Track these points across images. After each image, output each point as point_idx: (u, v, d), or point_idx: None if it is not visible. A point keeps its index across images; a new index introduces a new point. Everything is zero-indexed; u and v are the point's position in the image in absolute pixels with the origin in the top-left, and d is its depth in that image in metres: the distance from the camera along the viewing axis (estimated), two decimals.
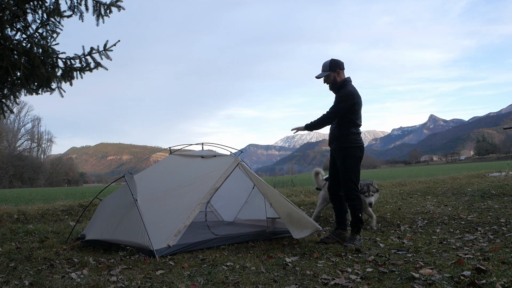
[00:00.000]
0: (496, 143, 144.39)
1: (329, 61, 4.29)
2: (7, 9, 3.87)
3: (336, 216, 4.49)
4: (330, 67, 4.27)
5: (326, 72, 4.29)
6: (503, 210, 6.04)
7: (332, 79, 4.28)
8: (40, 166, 61.27)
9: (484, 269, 2.83)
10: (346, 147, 4.22)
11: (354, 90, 4.26)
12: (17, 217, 6.94)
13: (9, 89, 4.41)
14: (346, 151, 4.22)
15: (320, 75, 4.34)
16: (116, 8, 4.53)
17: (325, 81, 4.34)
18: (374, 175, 23.42)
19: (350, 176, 4.21)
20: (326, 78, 4.30)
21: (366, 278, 2.90)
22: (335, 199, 4.47)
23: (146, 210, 4.11)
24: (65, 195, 12.73)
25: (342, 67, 4.31)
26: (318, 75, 4.37)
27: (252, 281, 2.90)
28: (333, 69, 4.26)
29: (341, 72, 4.30)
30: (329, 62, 4.28)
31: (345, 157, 4.22)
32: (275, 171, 27.38)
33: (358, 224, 4.24)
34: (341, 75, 4.30)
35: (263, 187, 4.79)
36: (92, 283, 2.88)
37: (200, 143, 5.13)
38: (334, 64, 4.27)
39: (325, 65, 4.31)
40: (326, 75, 4.28)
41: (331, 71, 4.27)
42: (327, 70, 4.29)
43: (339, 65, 4.28)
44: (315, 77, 4.38)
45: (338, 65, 4.28)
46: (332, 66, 4.27)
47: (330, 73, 4.27)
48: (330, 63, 4.27)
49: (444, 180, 14.12)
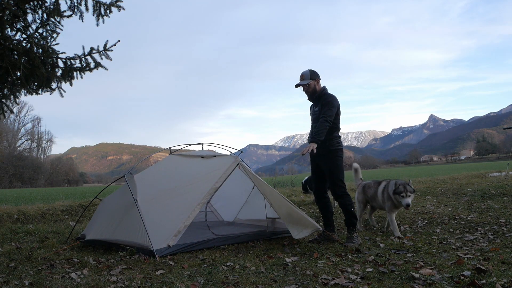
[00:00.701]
0: (496, 143, 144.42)
1: (309, 71, 4.48)
2: (7, 9, 3.87)
3: (324, 218, 4.59)
4: (311, 76, 4.46)
5: (307, 81, 4.45)
6: (503, 210, 6.04)
7: (313, 88, 4.47)
8: (40, 166, 61.28)
9: (484, 269, 2.83)
10: (332, 150, 4.40)
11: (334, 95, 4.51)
12: (17, 217, 6.94)
13: (9, 89, 4.41)
14: (333, 153, 4.41)
15: (301, 83, 4.48)
16: (116, 8, 4.52)
17: (305, 89, 4.50)
18: (374, 175, 23.43)
19: (338, 175, 4.39)
20: (307, 86, 4.47)
21: (366, 278, 2.90)
22: (321, 201, 4.59)
23: (146, 210, 4.11)
24: (65, 195, 12.74)
25: (320, 77, 4.55)
26: (299, 83, 4.50)
27: (252, 281, 2.90)
28: (314, 78, 4.45)
29: (319, 81, 4.52)
30: (309, 72, 4.48)
31: (332, 158, 4.40)
32: (275, 171, 27.39)
33: (352, 220, 4.35)
34: (319, 84, 4.52)
35: (263, 187, 4.79)
36: (92, 283, 2.88)
37: (200, 143, 5.13)
38: (314, 74, 4.48)
39: (305, 74, 4.49)
40: (307, 84, 4.45)
41: (312, 79, 4.44)
42: (308, 78, 4.46)
43: (318, 75, 4.50)
44: (295, 86, 4.52)
45: (318, 75, 4.50)
46: (313, 75, 4.46)
47: (311, 81, 4.44)
48: (311, 73, 4.47)
49: (444, 180, 14.12)
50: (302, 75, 4.51)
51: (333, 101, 4.38)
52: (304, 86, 4.48)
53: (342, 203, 4.38)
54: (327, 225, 4.54)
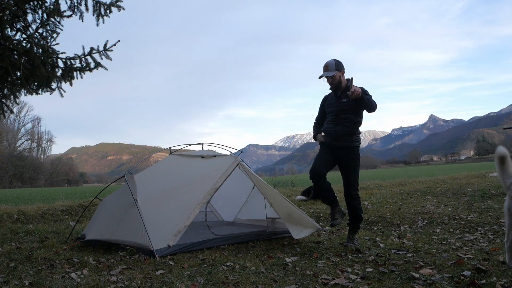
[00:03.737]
0: (496, 143, 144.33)
1: (334, 61, 4.20)
2: (7, 9, 3.88)
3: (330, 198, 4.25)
4: (336, 66, 4.18)
5: (332, 72, 4.16)
6: (503, 210, 6.04)
7: (338, 79, 4.18)
8: (40, 166, 61.28)
9: (484, 269, 2.83)
10: (355, 147, 4.21)
11: None
12: (17, 217, 6.94)
13: (9, 89, 4.41)
14: (356, 150, 4.23)
15: (325, 75, 4.19)
16: (116, 8, 4.53)
17: (329, 81, 4.21)
18: (374, 175, 23.42)
19: (356, 176, 4.23)
20: (332, 78, 4.18)
21: (366, 278, 2.90)
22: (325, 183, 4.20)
23: (146, 210, 4.11)
24: (65, 195, 12.73)
25: (345, 68, 4.27)
26: (324, 74, 4.20)
27: (252, 281, 2.90)
28: (339, 69, 4.18)
29: (344, 72, 4.25)
30: (334, 62, 4.19)
31: (355, 156, 4.21)
32: (275, 171, 27.34)
33: (358, 224, 4.25)
34: (344, 75, 4.25)
35: (263, 187, 4.79)
36: (92, 283, 2.88)
37: (200, 143, 5.13)
38: (339, 64, 4.20)
39: (330, 64, 4.19)
40: (333, 75, 4.16)
41: (337, 70, 4.17)
42: (333, 69, 4.17)
43: (343, 66, 4.23)
44: (319, 77, 4.23)
45: (343, 66, 4.23)
46: (338, 66, 4.19)
47: (337, 73, 4.16)
48: (336, 63, 4.19)
49: (444, 180, 14.12)
50: (327, 65, 4.19)
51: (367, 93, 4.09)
52: (328, 78, 4.18)
53: (354, 205, 4.19)
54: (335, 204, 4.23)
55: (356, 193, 4.21)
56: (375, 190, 11.32)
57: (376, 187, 12.51)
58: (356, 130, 4.21)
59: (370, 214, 6.33)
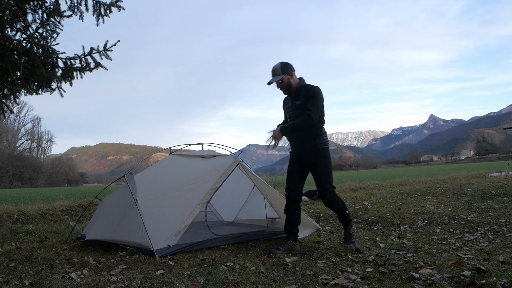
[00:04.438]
0: (496, 143, 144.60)
1: (280, 64, 3.99)
2: (7, 9, 3.88)
3: (289, 224, 4.04)
4: (282, 70, 3.96)
5: (279, 76, 3.96)
6: (503, 210, 6.05)
7: (287, 83, 3.98)
8: (40, 166, 61.32)
9: (484, 269, 2.83)
10: (321, 149, 3.97)
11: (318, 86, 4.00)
12: (17, 217, 6.94)
13: (9, 89, 4.41)
14: (322, 152, 3.98)
15: (273, 80, 3.99)
16: (116, 8, 4.53)
17: (279, 85, 4.02)
18: (374, 175, 23.43)
19: (328, 179, 3.98)
20: (280, 82, 3.98)
21: (366, 278, 2.90)
22: (294, 205, 4.03)
23: (146, 210, 4.11)
24: (65, 195, 12.74)
25: (294, 69, 4.04)
26: (270, 81, 4.02)
27: (252, 281, 2.90)
28: (286, 72, 3.96)
29: (293, 73, 4.01)
30: (280, 65, 3.98)
31: (322, 159, 3.98)
32: (275, 171, 27.23)
33: (347, 218, 4.08)
34: (294, 76, 4.02)
35: (263, 187, 4.79)
36: (92, 283, 2.88)
37: (200, 143, 5.13)
38: (285, 66, 3.97)
39: (276, 68, 3.99)
40: (280, 79, 3.96)
41: (284, 74, 3.95)
42: (279, 73, 3.96)
43: (290, 67, 4.00)
44: (267, 84, 4.04)
45: (290, 67, 4.00)
46: (284, 68, 3.97)
47: (284, 76, 3.95)
48: (282, 66, 3.97)
49: (444, 180, 14.13)
50: (273, 70, 3.99)
51: (318, 93, 3.90)
52: (277, 83, 3.99)
53: (336, 208, 4.05)
54: (292, 233, 4.03)
55: (332, 197, 4.02)
56: (375, 190, 11.32)
57: (376, 187, 12.52)
58: (318, 132, 3.98)
59: (370, 214, 6.33)
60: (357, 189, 12.01)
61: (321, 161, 3.99)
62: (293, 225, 4.05)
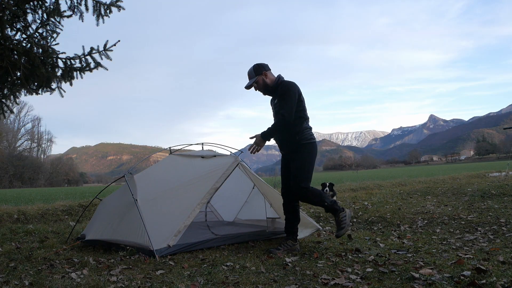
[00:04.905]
0: (496, 143, 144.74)
1: (253, 67, 4.03)
2: (7, 9, 3.88)
3: (288, 223, 4.09)
4: (255, 71, 4.00)
5: (253, 79, 4.01)
6: (503, 210, 6.05)
7: (262, 83, 4.00)
8: (40, 166, 61.35)
9: (484, 269, 2.83)
10: (303, 144, 3.89)
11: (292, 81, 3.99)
12: (17, 217, 6.94)
13: (9, 89, 4.41)
14: (303, 148, 3.90)
15: (248, 84, 4.04)
16: (116, 8, 4.53)
17: (256, 88, 4.05)
18: (374, 175, 23.44)
19: (301, 174, 3.85)
20: (256, 84, 4.02)
21: (366, 278, 2.90)
22: (290, 205, 4.09)
23: (146, 210, 4.11)
24: (65, 195, 12.75)
25: (268, 68, 4.06)
26: (246, 85, 4.06)
27: (252, 281, 2.90)
28: (259, 73, 3.99)
29: (268, 73, 4.03)
30: (253, 68, 4.03)
31: (302, 154, 3.90)
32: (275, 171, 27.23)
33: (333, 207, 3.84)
34: (270, 75, 4.03)
35: (263, 187, 4.79)
36: (92, 283, 2.88)
37: (200, 143, 5.13)
38: (258, 68, 4.01)
39: (250, 72, 4.04)
40: (255, 81, 4.00)
41: (257, 75, 3.99)
42: (253, 76, 4.01)
43: (263, 67, 4.02)
44: (245, 88, 4.08)
45: (263, 67, 4.02)
46: (257, 70, 4.00)
47: (257, 77, 3.99)
48: (254, 68, 4.01)
49: (444, 180, 14.14)
50: (248, 74, 4.05)
51: (289, 89, 3.84)
52: (254, 86, 4.03)
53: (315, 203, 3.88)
54: (291, 233, 4.05)
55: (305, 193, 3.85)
56: (375, 190, 11.33)
57: (376, 187, 12.53)
58: (298, 128, 3.90)
59: (370, 214, 6.33)
60: (357, 189, 12.02)
61: (298, 156, 3.91)
62: (291, 225, 4.07)
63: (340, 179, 18.02)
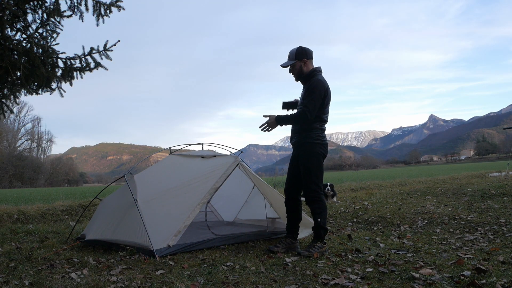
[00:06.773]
0: (496, 143, 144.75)
1: (296, 49, 3.87)
2: (7, 9, 3.88)
3: (289, 222, 4.06)
4: (296, 55, 3.85)
5: (291, 61, 3.86)
6: (503, 210, 6.04)
7: (298, 69, 3.87)
8: (40, 166, 61.32)
9: (484, 269, 2.83)
10: (306, 143, 3.82)
11: (324, 80, 3.86)
12: (17, 217, 6.94)
13: (9, 89, 4.41)
14: (307, 147, 3.82)
15: (285, 64, 3.91)
16: (116, 8, 4.53)
17: (291, 70, 3.92)
18: (374, 175, 23.43)
19: (310, 176, 3.81)
20: (292, 67, 3.88)
21: (366, 278, 2.90)
22: (291, 202, 4.04)
23: (146, 210, 4.11)
24: (65, 195, 12.74)
25: (310, 56, 3.90)
26: (283, 64, 3.92)
27: (252, 281, 2.90)
28: (300, 58, 3.84)
29: (308, 61, 3.88)
30: (295, 50, 3.86)
31: (306, 154, 3.83)
32: (275, 171, 27.26)
33: (319, 231, 3.81)
34: (308, 65, 3.88)
35: (263, 187, 4.79)
36: (92, 283, 2.88)
37: (200, 143, 5.13)
38: (300, 53, 3.84)
39: (291, 53, 3.88)
40: (292, 64, 3.86)
41: (297, 60, 3.85)
42: (293, 58, 3.86)
43: (306, 54, 3.86)
44: (280, 66, 3.94)
45: (306, 54, 3.86)
46: (299, 54, 3.84)
47: (296, 62, 3.85)
48: (297, 51, 3.85)
49: (444, 180, 14.14)
50: (289, 54, 3.91)
51: (316, 88, 3.72)
52: (289, 67, 3.91)
53: (312, 209, 3.86)
54: (291, 231, 4.03)
55: (312, 196, 3.83)
56: (375, 190, 11.33)
57: (376, 187, 12.53)
58: (308, 126, 3.81)
59: (370, 214, 6.33)
60: (357, 189, 12.02)
61: (306, 153, 3.85)
62: (291, 223, 4.07)
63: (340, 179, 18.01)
